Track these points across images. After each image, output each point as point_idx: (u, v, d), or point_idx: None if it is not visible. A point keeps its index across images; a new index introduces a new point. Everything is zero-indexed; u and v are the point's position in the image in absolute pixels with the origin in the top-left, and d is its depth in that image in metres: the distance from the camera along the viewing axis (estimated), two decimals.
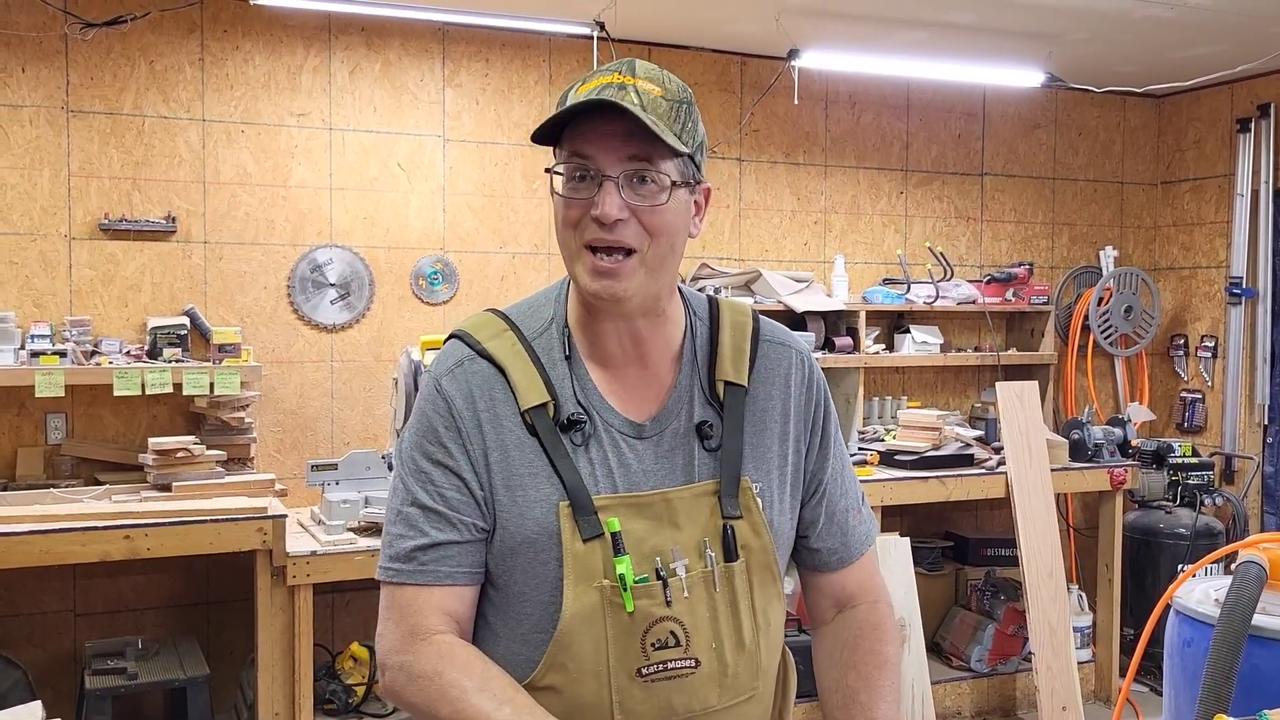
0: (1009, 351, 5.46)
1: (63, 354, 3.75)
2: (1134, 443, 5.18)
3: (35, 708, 2.19)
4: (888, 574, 4.02)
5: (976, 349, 5.52)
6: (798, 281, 4.95)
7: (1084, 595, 5.06)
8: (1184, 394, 5.83)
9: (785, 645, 1.56)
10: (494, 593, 1.44)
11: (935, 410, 4.97)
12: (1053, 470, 4.73)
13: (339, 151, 4.38)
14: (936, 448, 4.67)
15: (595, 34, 4.36)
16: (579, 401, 1.42)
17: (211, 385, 3.85)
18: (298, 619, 3.53)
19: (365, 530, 3.69)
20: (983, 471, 4.65)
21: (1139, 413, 5.66)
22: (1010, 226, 5.71)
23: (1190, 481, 5.30)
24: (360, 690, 3.84)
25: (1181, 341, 5.84)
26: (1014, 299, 5.36)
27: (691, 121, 1.38)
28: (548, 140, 1.38)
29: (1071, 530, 5.57)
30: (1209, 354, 5.69)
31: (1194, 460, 5.37)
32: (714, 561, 1.41)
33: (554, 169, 1.38)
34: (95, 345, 3.91)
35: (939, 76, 5.18)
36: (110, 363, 3.82)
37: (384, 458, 3.90)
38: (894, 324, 5.29)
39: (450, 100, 4.55)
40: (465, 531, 1.40)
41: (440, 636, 1.38)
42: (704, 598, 1.40)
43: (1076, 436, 4.96)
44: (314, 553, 3.53)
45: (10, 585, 3.89)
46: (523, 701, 1.30)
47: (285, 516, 3.57)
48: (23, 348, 3.78)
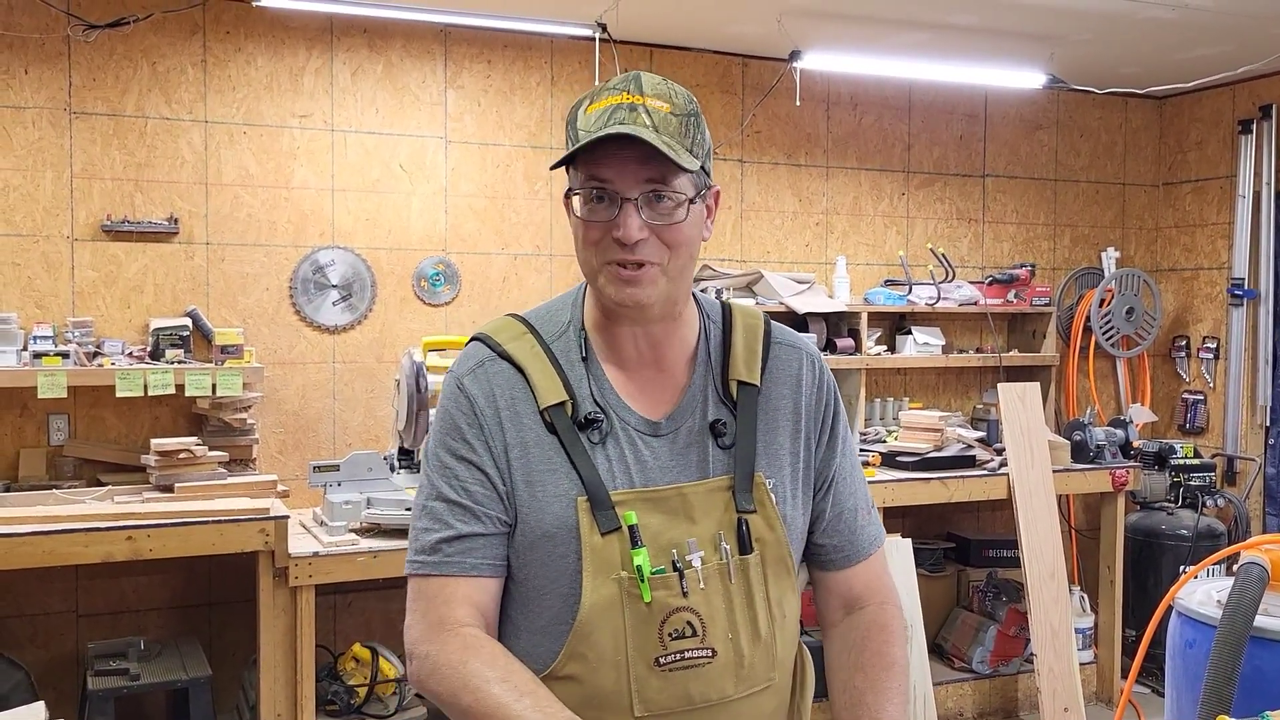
0: (1011, 353, 5.46)
1: (65, 355, 3.76)
2: (1136, 444, 5.18)
3: (38, 708, 2.19)
4: None
5: (978, 350, 5.52)
6: (799, 283, 4.95)
7: (1086, 596, 5.05)
8: (1186, 395, 5.82)
9: (802, 642, 1.58)
10: (514, 587, 1.47)
11: (937, 411, 4.97)
12: (1054, 471, 4.72)
13: (341, 153, 4.38)
14: (938, 449, 4.67)
15: (597, 35, 4.37)
16: (596, 401, 1.46)
17: (214, 386, 3.85)
18: (300, 620, 3.53)
19: (367, 531, 3.69)
20: (984, 473, 4.65)
21: (1141, 414, 5.66)
22: (1012, 228, 5.71)
23: (1192, 483, 5.30)
24: (362, 691, 3.84)
25: (1183, 343, 5.84)
26: (1016, 300, 5.36)
27: (700, 132, 1.42)
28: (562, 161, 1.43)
29: (1073, 531, 5.57)
30: (1211, 355, 5.69)
31: (1196, 462, 5.36)
32: (729, 554, 1.44)
33: (572, 191, 1.42)
34: (98, 346, 3.91)
35: (941, 78, 5.18)
36: (113, 364, 3.82)
37: (386, 459, 3.90)
38: (896, 325, 5.30)
39: (452, 101, 4.55)
40: (489, 524, 1.43)
41: (466, 629, 1.41)
42: (720, 589, 1.44)
43: (1078, 438, 4.96)
44: (316, 554, 3.53)
45: (13, 586, 3.89)
46: (543, 695, 1.33)
47: (287, 518, 3.57)
48: (25, 349, 3.78)
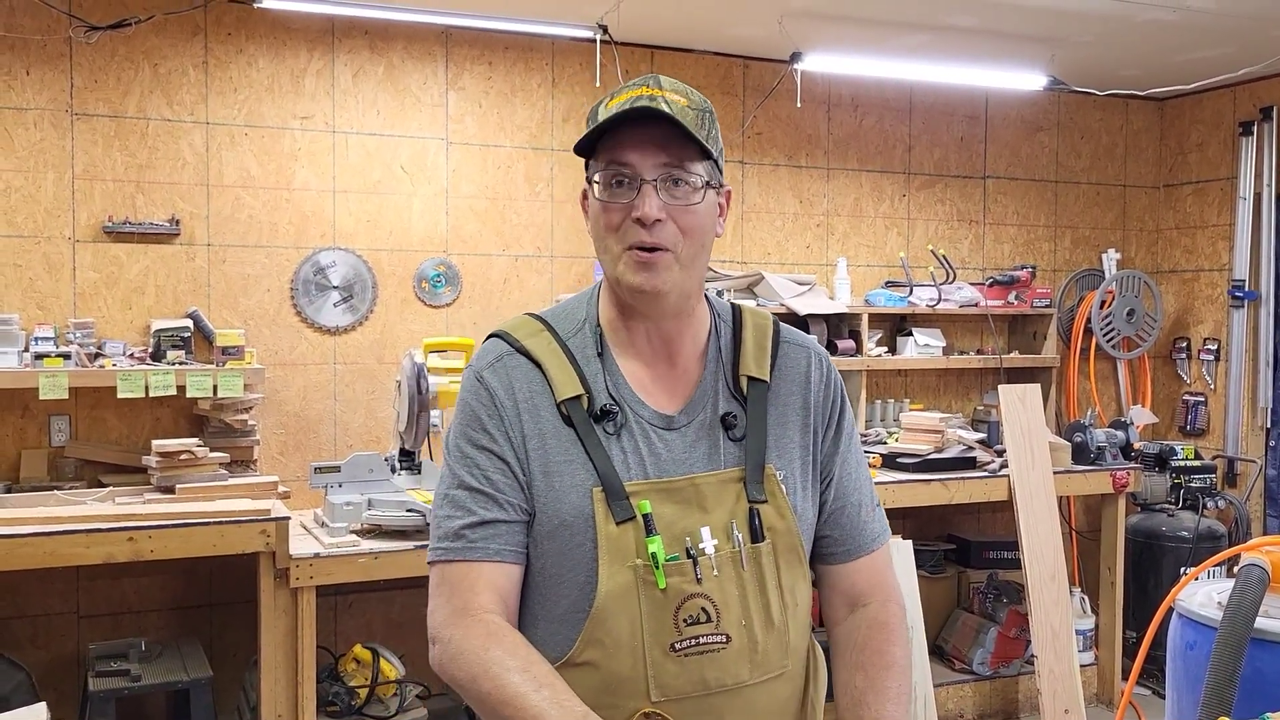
0: (1011, 354, 5.46)
1: (66, 356, 3.76)
2: (1136, 446, 5.18)
3: (39, 709, 2.19)
4: None
5: (979, 352, 5.53)
6: (800, 284, 4.95)
7: (1086, 598, 5.05)
8: (1186, 397, 5.82)
9: (814, 638, 1.60)
10: (531, 576, 1.50)
11: (937, 413, 4.97)
12: (1055, 473, 4.72)
13: (342, 154, 4.39)
14: (939, 450, 4.67)
15: (598, 37, 4.37)
16: (611, 394, 1.51)
17: (215, 387, 3.85)
18: (300, 621, 3.53)
19: (368, 533, 3.69)
20: (985, 474, 4.65)
21: (1141, 415, 5.66)
22: (1013, 229, 5.71)
23: (1193, 484, 5.30)
24: (363, 692, 3.84)
25: (1184, 344, 5.84)
26: (1016, 302, 5.36)
27: (714, 129, 1.50)
28: (582, 152, 1.48)
29: (1074, 533, 5.57)
30: (1211, 357, 5.69)
31: (1196, 463, 5.36)
32: (741, 542, 1.48)
33: (592, 177, 1.47)
34: (99, 347, 3.92)
35: (941, 79, 5.18)
36: (114, 365, 3.83)
37: (386, 460, 3.90)
38: (896, 327, 5.30)
39: (453, 103, 4.55)
40: (512, 511, 1.47)
41: (489, 616, 1.44)
42: (733, 576, 1.47)
43: (1079, 439, 4.96)
44: (317, 555, 3.53)
45: (14, 587, 3.90)
46: (560, 688, 1.36)
47: (288, 519, 3.56)
48: (27, 350, 3.78)
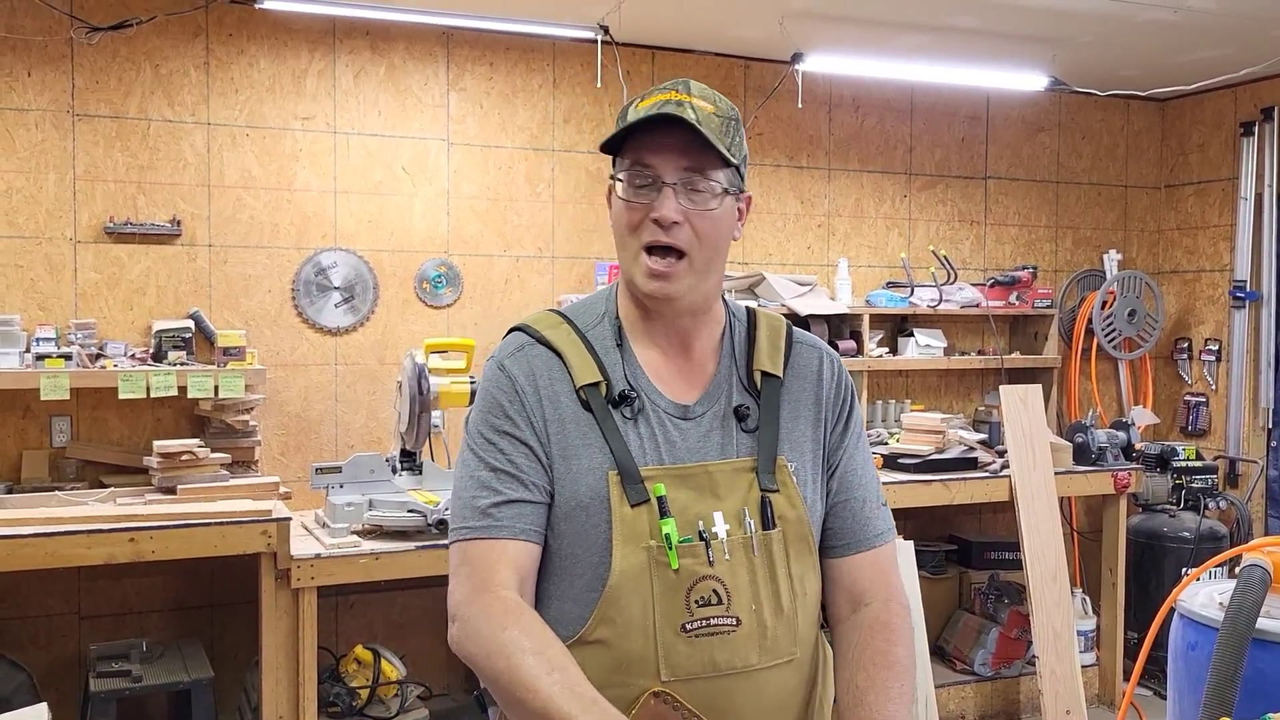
0: (1012, 355, 5.46)
1: (68, 357, 3.76)
2: (1138, 446, 5.18)
3: (40, 710, 2.19)
4: None
5: (980, 352, 5.52)
6: (801, 285, 4.95)
7: (1088, 599, 5.05)
8: (1188, 397, 5.82)
9: (823, 634, 1.62)
10: (547, 556, 1.54)
11: (939, 413, 4.97)
12: (1056, 474, 4.72)
13: (343, 155, 4.39)
14: (940, 451, 4.67)
15: (599, 38, 4.37)
16: (629, 383, 1.56)
17: (216, 388, 3.85)
18: (302, 622, 3.54)
19: (369, 533, 3.69)
20: (986, 475, 4.65)
21: (1143, 416, 5.66)
22: (1014, 230, 5.71)
23: (1194, 485, 5.29)
24: (364, 693, 3.84)
25: (1185, 345, 5.84)
26: (1018, 302, 5.36)
27: (739, 137, 1.54)
28: (610, 150, 1.54)
29: (1075, 534, 5.57)
30: (1213, 357, 5.68)
31: (1198, 464, 5.36)
32: (753, 529, 1.52)
33: (616, 176, 1.53)
34: (100, 348, 3.92)
35: (942, 80, 5.18)
36: (115, 366, 3.83)
37: (388, 460, 3.90)
38: (897, 327, 5.30)
39: (454, 104, 4.56)
40: (535, 492, 1.51)
41: (508, 594, 1.46)
42: (744, 561, 1.51)
43: (1080, 440, 4.96)
44: (318, 555, 3.53)
45: (15, 588, 3.90)
46: (573, 672, 1.38)
47: (289, 519, 3.57)
48: (28, 351, 3.79)
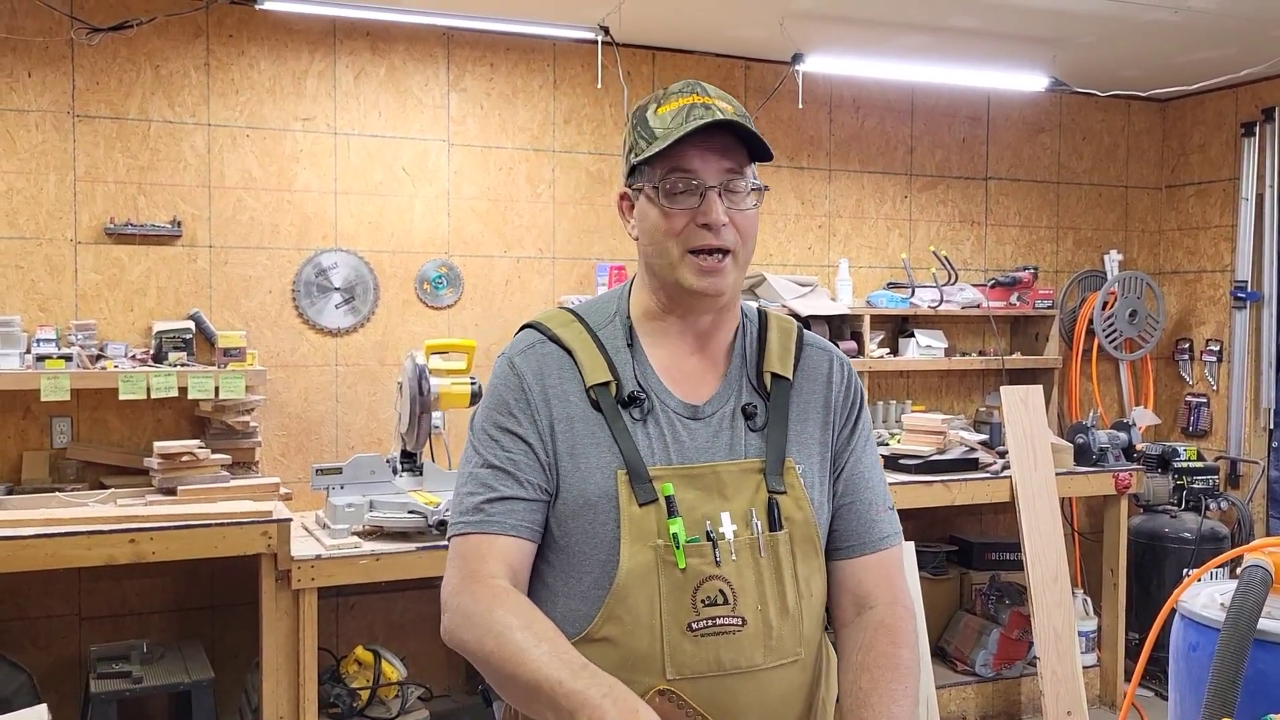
0: (1013, 356, 5.45)
1: (68, 358, 3.76)
2: (1139, 447, 5.17)
3: (40, 711, 2.19)
4: None
5: (981, 353, 5.52)
6: (802, 285, 4.95)
7: (1089, 600, 5.05)
8: (1189, 398, 5.82)
9: (826, 637, 1.62)
10: (556, 554, 1.55)
11: (940, 414, 4.96)
12: (1057, 474, 4.72)
13: (344, 156, 4.39)
14: (941, 452, 4.67)
15: (600, 38, 4.37)
16: (639, 383, 1.57)
17: (216, 389, 3.85)
18: (302, 623, 3.53)
19: (370, 534, 3.69)
20: (987, 476, 4.65)
21: (1144, 417, 5.65)
22: (1015, 230, 5.71)
23: (1195, 486, 5.28)
24: (365, 694, 3.84)
25: (1186, 346, 5.83)
26: (1018, 303, 5.36)
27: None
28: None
29: (1076, 534, 5.56)
30: (1214, 358, 5.68)
31: (1199, 464, 5.35)
32: (760, 530, 1.53)
33: (650, 183, 1.52)
34: (100, 349, 3.92)
35: (943, 81, 5.18)
36: (115, 367, 3.83)
37: (388, 461, 3.90)
38: (898, 328, 5.29)
39: (455, 105, 4.56)
40: (531, 490, 1.52)
41: (495, 580, 1.48)
42: (750, 562, 1.51)
43: (1081, 440, 4.95)
44: (319, 556, 3.53)
45: (15, 589, 3.90)
46: (561, 642, 1.39)
47: (290, 520, 3.56)
48: (28, 351, 3.78)
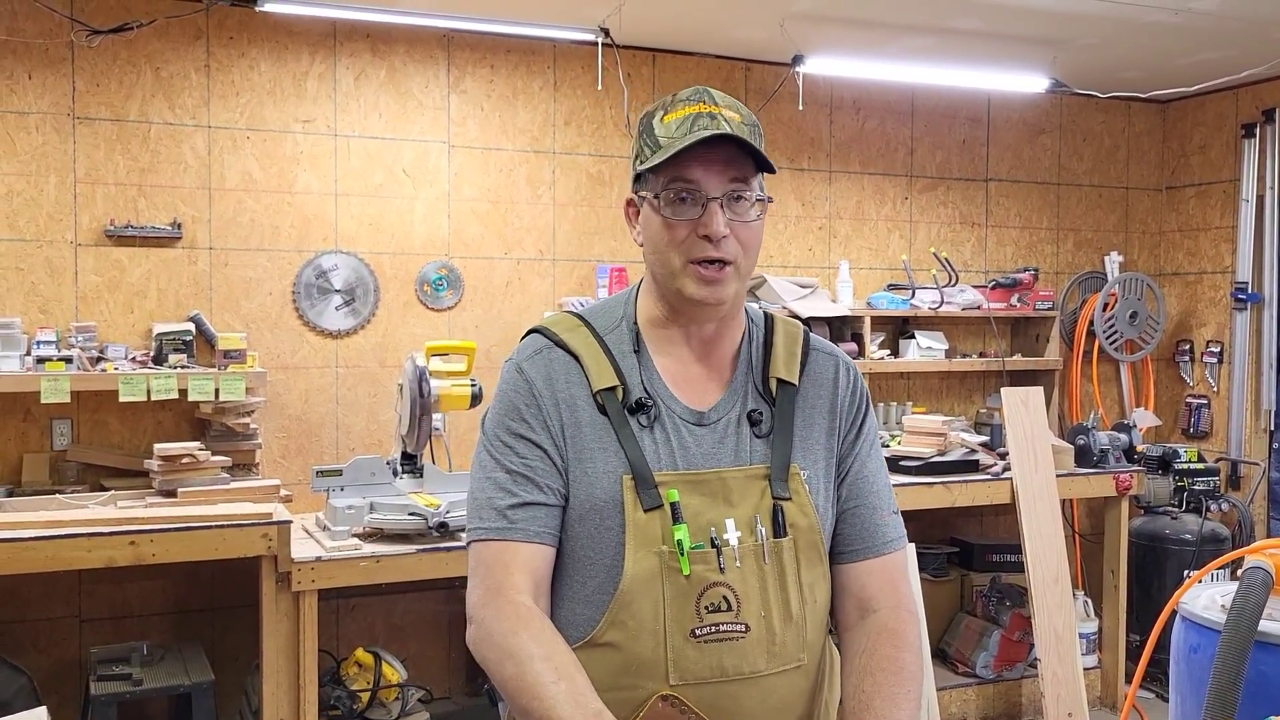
0: (1014, 357, 5.45)
1: (68, 360, 3.76)
2: (1139, 448, 5.17)
3: (40, 713, 2.18)
4: None
5: (981, 355, 5.52)
6: (802, 287, 4.95)
7: (1089, 601, 5.04)
8: (1189, 399, 5.81)
9: (830, 640, 1.62)
10: (561, 558, 1.55)
11: (940, 416, 4.96)
12: (1058, 476, 4.72)
13: (344, 158, 4.39)
14: (942, 453, 4.67)
15: (600, 40, 4.38)
16: (646, 389, 1.57)
17: (217, 391, 3.85)
18: (302, 625, 3.53)
19: (370, 536, 3.69)
20: (988, 477, 4.64)
21: (1144, 418, 5.65)
22: (1015, 232, 5.70)
23: (1196, 487, 5.28)
24: (365, 696, 3.83)
25: (1187, 347, 5.83)
26: (1019, 304, 5.35)
27: (762, 141, 1.54)
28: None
29: (1077, 536, 5.56)
30: (1214, 359, 5.68)
31: (1200, 466, 5.35)
32: (764, 536, 1.53)
33: (654, 191, 1.51)
34: (101, 351, 3.92)
35: (943, 82, 5.18)
36: (116, 369, 3.83)
37: (388, 463, 3.90)
38: (899, 329, 5.29)
39: (455, 106, 4.56)
40: (550, 495, 1.53)
41: (520, 598, 1.48)
42: (754, 568, 1.52)
43: (1082, 442, 4.95)
44: (319, 558, 3.53)
45: (16, 591, 3.89)
46: (580, 681, 1.39)
47: (290, 522, 3.56)
48: (29, 354, 3.79)
